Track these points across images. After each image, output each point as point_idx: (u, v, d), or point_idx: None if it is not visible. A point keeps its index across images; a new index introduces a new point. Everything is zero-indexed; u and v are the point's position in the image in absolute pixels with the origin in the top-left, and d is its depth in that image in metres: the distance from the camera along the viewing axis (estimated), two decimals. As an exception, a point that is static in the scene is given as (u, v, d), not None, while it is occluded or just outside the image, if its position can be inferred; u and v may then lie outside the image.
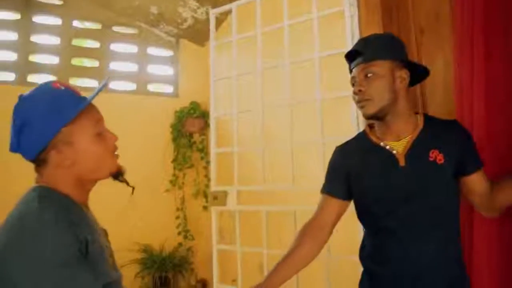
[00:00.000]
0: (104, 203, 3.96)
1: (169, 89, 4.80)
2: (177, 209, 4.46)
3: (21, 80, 4.09)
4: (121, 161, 4.38)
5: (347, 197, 1.46)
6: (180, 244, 4.42)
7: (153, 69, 4.75)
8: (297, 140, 2.22)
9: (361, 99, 1.33)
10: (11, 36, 4.17)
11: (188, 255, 4.44)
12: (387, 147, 1.36)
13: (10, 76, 4.10)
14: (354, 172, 1.42)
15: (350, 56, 1.39)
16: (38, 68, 4.22)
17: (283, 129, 2.26)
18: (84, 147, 1.05)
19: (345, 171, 1.44)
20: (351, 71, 1.40)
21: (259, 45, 2.35)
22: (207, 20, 4.06)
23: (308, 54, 2.18)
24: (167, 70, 4.82)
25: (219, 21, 3.67)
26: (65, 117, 1.02)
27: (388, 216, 1.33)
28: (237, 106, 2.43)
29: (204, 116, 4.55)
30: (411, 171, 1.31)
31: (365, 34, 1.96)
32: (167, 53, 4.82)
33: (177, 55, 4.81)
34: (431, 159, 1.29)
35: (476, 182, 1.32)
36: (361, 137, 1.47)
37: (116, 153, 1.15)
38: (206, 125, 4.53)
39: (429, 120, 1.39)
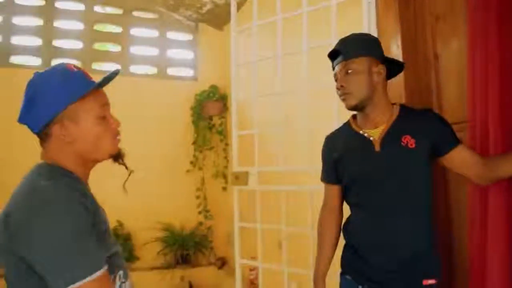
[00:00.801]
0: (127, 183, 4.11)
1: (188, 72, 4.89)
2: (197, 190, 4.61)
3: (46, 65, 4.23)
4: (143, 143, 4.60)
5: (340, 181, 1.65)
6: (200, 223, 4.58)
7: (173, 53, 4.85)
8: (315, 123, 2.31)
9: (342, 93, 1.51)
10: (36, 21, 4.30)
11: (208, 234, 4.60)
12: (365, 134, 1.53)
13: (36, 61, 4.25)
14: (338, 158, 1.61)
15: (332, 55, 1.56)
16: (62, 53, 4.37)
17: (301, 112, 2.35)
18: (87, 127, 1.08)
19: (332, 159, 1.64)
20: (333, 68, 1.56)
21: (279, 31, 2.42)
22: (226, 4, 4.13)
23: (325, 40, 2.24)
24: (187, 54, 4.91)
25: (239, 4, 3.72)
26: (73, 94, 1.06)
27: (363, 194, 1.54)
28: (258, 90, 2.52)
29: (223, 99, 4.64)
30: (384, 155, 1.48)
31: (382, 21, 2.02)
32: (186, 37, 4.90)
33: (196, 39, 4.90)
34: (403, 144, 1.45)
35: (458, 157, 1.44)
36: (345, 126, 1.65)
37: (118, 137, 1.18)
38: (225, 108, 4.62)
39: (404, 109, 1.54)
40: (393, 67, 1.57)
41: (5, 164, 3.62)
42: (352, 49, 1.50)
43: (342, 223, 1.69)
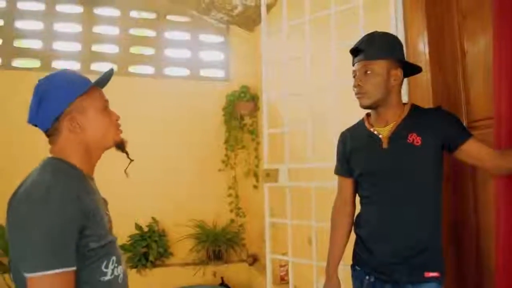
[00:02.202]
0: (162, 184, 4.27)
1: (220, 73, 4.99)
2: (229, 188, 4.70)
3: (86, 69, 4.41)
4: (177, 143, 4.75)
5: (352, 174, 1.73)
6: (232, 221, 4.67)
7: (205, 55, 4.96)
8: (343, 121, 2.34)
9: (358, 92, 1.57)
10: (76, 28, 4.51)
11: (240, 231, 4.68)
12: (375, 132, 1.61)
13: (75, 66, 4.44)
14: (350, 153, 1.70)
15: (354, 52, 1.60)
16: (100, 57, 4.54)
17: (330, 110, 2.39)
18: (94, 116, 1.22)
19: (345, 154, 1.73)
20: (353, 64, 1.60)
21: (307, 31, 2.48)
22: (256, 6, 4.21)
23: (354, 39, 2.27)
24: (218, 56, 5.01)
25: (269, 6, 3.80)
26: (79, 88, 1.20)
27: (371, 188, 1.62)
28: (288, 90, 2.59)
29: (254, 99, 4.72)
30: (391, 152, 1.55)
31: (409, 19, 2.04)
32: (218, 39, 5.00)
33: (227, 41, 4.99)
34: (409, 141, 1.51)
35: (470, 150, 1.47)
36: (359, 123, 1.73)
37: (120, 128, 1.32)
38: (256, 107, 4.70)
39: (414, 108, 1.59)
40: (410, 68, 1.62)
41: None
42: (374, 50, 1.53)
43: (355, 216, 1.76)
